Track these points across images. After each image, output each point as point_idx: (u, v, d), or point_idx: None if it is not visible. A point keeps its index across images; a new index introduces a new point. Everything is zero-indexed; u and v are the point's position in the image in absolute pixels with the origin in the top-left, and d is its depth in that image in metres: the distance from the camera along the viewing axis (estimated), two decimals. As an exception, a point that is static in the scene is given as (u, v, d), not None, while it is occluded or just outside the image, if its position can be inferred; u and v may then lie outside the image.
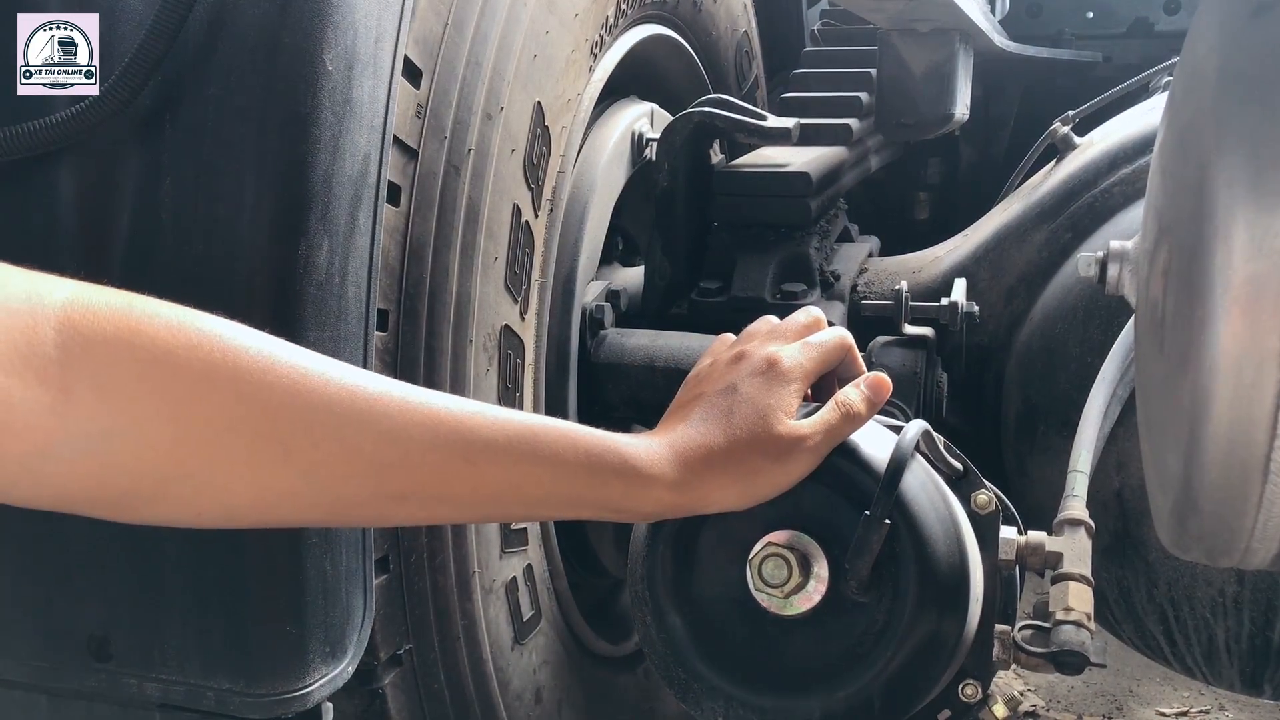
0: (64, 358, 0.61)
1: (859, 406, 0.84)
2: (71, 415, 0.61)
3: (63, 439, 0.61)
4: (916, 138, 2.03)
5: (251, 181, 0.85)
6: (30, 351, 0.59)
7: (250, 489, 0.68)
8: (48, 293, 0.62)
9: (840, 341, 0.88)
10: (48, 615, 0.91)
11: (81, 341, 0.61)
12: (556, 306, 1.41)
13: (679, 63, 1.87)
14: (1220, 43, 0.76)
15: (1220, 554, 0.81)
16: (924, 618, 0.82)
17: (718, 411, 0.81)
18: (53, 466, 0.62)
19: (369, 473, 0.70)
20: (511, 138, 1.19)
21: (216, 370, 0.65)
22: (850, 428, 0.83)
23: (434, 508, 0.75)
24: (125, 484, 0.65)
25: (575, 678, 1.45)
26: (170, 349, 0.64)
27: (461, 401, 0.75)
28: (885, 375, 0.87)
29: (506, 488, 0.75)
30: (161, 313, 0.65)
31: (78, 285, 0.64)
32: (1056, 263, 1.51)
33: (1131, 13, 2.67)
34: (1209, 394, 0.73)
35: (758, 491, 0.81)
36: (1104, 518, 1.31)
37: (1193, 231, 0.75)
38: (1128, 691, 2.46)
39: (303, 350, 0.70)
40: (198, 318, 0.66)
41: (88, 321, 0.62)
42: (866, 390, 0.85)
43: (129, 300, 0.65)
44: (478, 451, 0.73)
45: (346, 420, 0.69)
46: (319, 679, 0.90)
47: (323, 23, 0.86)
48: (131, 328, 0.63)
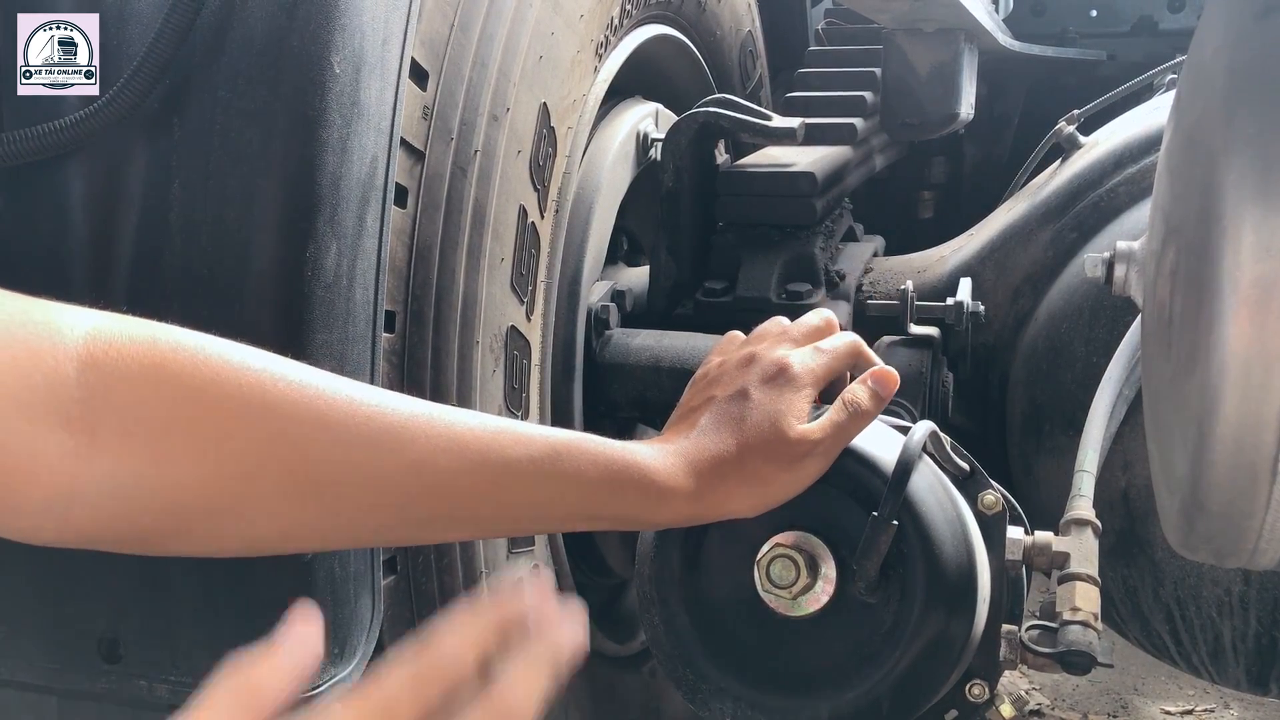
0: (87, 397, 0.58)
1: (867, 404, 0.83)
2: (96, 459, 0.59)
3: (88, 482, 0.59)
4: (921, 137, 2.03)
5: (259, 184, 0.85)
6: (52, 394, 0.57)
7: (276, 524, 0.67)
8: (69, 327, 0.60)
9: (851, 346, 0.88)
10: (58, 617, 0.91)
11: (105, 380, 0.59)
12: (562, 307, 1.41)
13: (683, 63, 1.87)
14: (1227, 43, 0.76)
15: (1228, 555, 0.81)
16: (932, 618, 0.83)
17: (729, 418, 0.80)
18: (78, 510, 0.60)
19: (395, 503, 0.70)
20: (517, 139, 1.19)
21: (247, 407, 0.63)
22: (859, 426, 0.83)
23: (457, 529, 0.75)
24: (150, 523, 0.63)
25: (581, 677, 1.45)
26: (198, 386, 0.62)
27: (484, 419, 0.74)
28: (892, 370, 0.86)
29: (529, 508, 0.74)
30: (186, 344, 0.63)
31: (99, 317, 0.61)
32: (1062, 262, 1.51)
33: (1136, 11, 2.66)
34: (1217, 394, 0.73)
35: (771, 498, 0.80)
36: (1110, 517, 1.31)
37: (1200, 232, 0.75)
38: (1133, 689, 2.46)
39: (328, 375, 0.68)
40: (224, 348, 0.64)
41: (111, 359, 0.60)
42: (874, 386, 0.84)
43: (152, 332, 0.62)
44: (503, 474, 0.72)
45: (375, 452, 0.67)
46: (327, 680, 0.90)
47: (330, 25, 0.86)
48: (157, 363, 0.61)
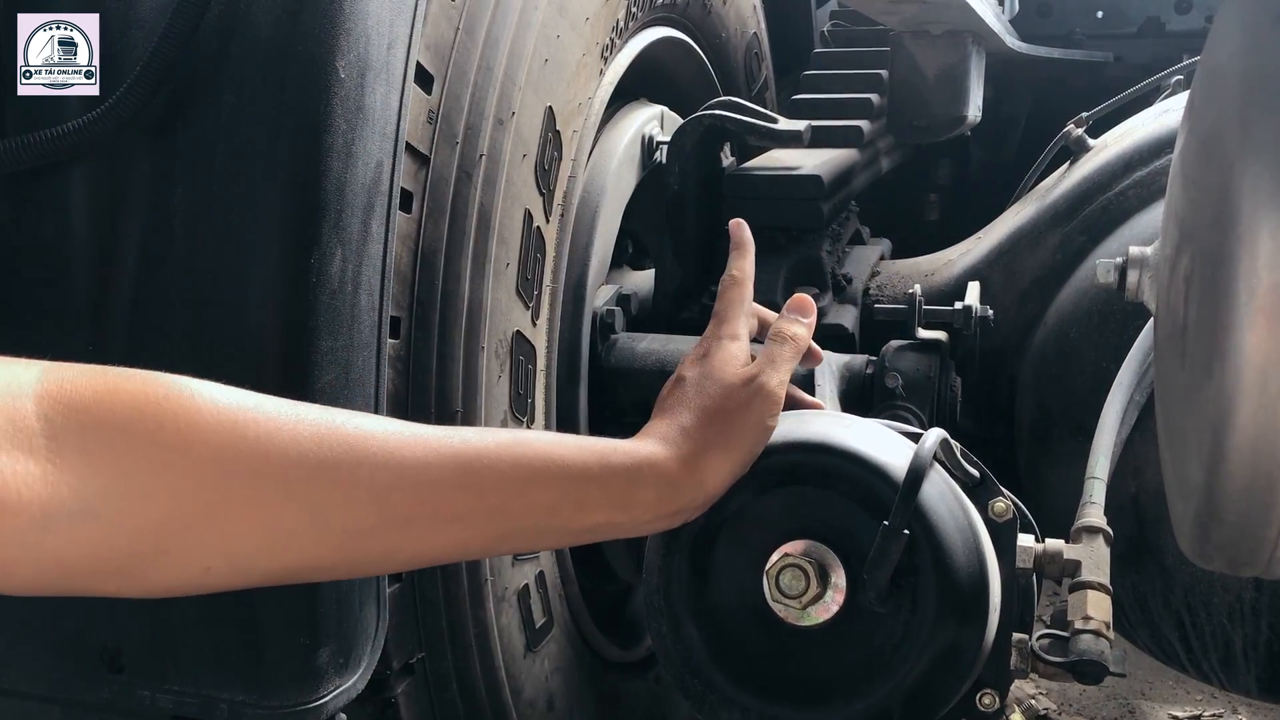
0: (47, 429, 0.61)
1: (791, 329, 0.89)
2: (64, 481, 0.61)
3: (57, 507, 0.61)
4: (929, 140, 2.02)
5: (264, 190, 0.84)
6: (14, 428, 0.60)
7: (253, 531, 0.68)
8: (21, 372, 0.63)
9: (732, 280, 0.93)
10: (61, 626, 0.90)
11: (62, 410, 0.62)
12: (567, 311, 1.40)
13: (689, 65, 1.86)
14: (1243, 48, 0.75)
15: (1243, 564, 0.80)
16: (943, 629, 0.82)
17: (676, 400, 0.85)
18: (51, 539, 0.62)
19: (369, 498, 0.70)
20: (523, 143, 1.18)
21: (202, 415, 0.66)
22: (794, 350, 0.89)
23: (444, 531, 0.74)
24: (126, 544, 0.64)
25: (587, 684, 1.44)
26: (151, 402, 0.65)
27: (447, 427, 0.77)
28: (804, 294, 0.94)
29: (511, 495, 0.75)
30: (135, 374, 0.66)
31: (48, 363, 0.65)
32: (1071, 266, 1.50)
33: (1143, 12, 2.66)
34: (1232, 403, 0.72)
35: (743, 448, 0.83)
36: (1120, 523, 1.30)
37: (1216, 239, 0.74)
38: (1139, 694, 2.45)
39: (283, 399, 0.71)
40: (171, 376, 0.67)
41: (65, 391, 0.63)
42: (793, 313, 0.92)
43: (101, 369, 0.66)
44: (473, 460, 0.74)
45: (338, 450, 0.69)
46: (332, 690, 0.89)
47: (335, 30, 0.85)
48: (109, 388, 0.64)
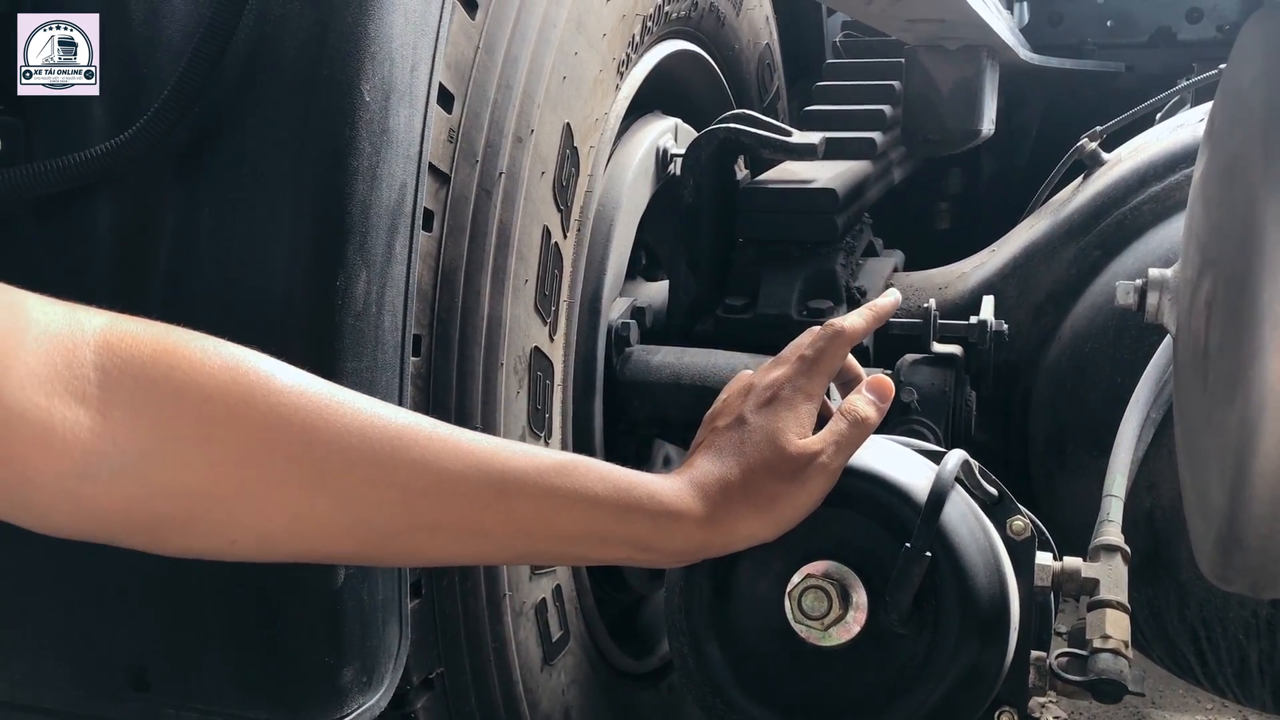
0: (102, 379, 0.63)
1: (864, 411, 0.84)
2: (109, 435, 0.63)
3: (99, 459, 0.62)
4: (943, 153, 2.02)
5: (289, 213, 0.85)
6: (70, 374, 0.62)
7: (283, 514, 0.68)
8: (86, 319, 0.64)
9: (833, 338, 0.87)
10: (86, 644, 0.91)
11: (119, 364, 0.63)
12: (583, 325, 1.41)
13: (703, 77, 1.87)
14: (1266, 74, 0.76)
15: (1265, 587, 0.80)
16: (965, 650, 0.82)
17: (730, 444, 0.82)
18: (89, 488, 0.63)
19: (401, 501, 0.71)
20: (542, 160, 1.18)
21: (252, 393, 0.67)
22: (861, 433, 0.84)
23: (467, 542, 0.75)
24: (160, 507, 0.66)
25: (602, 696, 1.44)
26: (206, 372, 0.66)
27: (490, 437, 0.77)
28: (885, 377, 0.88)
29: (538, 521, 0.75)
30: (197, 339, 0.68)
31: (115, 314, 0.66)
32: (1086, 281, 1.50)
33: (1153, 22, 2.65)
34: (1256, 429, 0.72)
35: (782, 517, 0.81)
36: (1135, 538, 1.29)
37: (1239, 264, 0.74)
38: (1150, 703, 2.44)
39: (335, 385, 0.71)
40: (233, 346, 0.69)
41: (125, 345, 0.64)
42: (870, 394, 0.86)
43: (166, 328, 0.67)
44: (509, 481, 0.74)
45: (379, 447, 0.70)
46: (356, 709, 0.89)
47: (360, 54, 0.86)
48: (168, 350, 0.65)
